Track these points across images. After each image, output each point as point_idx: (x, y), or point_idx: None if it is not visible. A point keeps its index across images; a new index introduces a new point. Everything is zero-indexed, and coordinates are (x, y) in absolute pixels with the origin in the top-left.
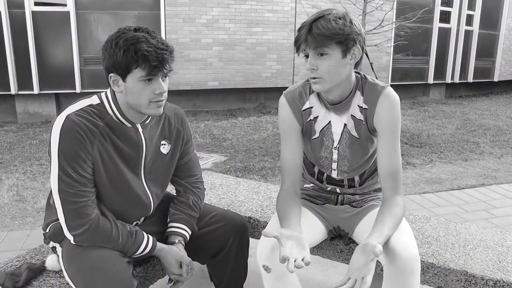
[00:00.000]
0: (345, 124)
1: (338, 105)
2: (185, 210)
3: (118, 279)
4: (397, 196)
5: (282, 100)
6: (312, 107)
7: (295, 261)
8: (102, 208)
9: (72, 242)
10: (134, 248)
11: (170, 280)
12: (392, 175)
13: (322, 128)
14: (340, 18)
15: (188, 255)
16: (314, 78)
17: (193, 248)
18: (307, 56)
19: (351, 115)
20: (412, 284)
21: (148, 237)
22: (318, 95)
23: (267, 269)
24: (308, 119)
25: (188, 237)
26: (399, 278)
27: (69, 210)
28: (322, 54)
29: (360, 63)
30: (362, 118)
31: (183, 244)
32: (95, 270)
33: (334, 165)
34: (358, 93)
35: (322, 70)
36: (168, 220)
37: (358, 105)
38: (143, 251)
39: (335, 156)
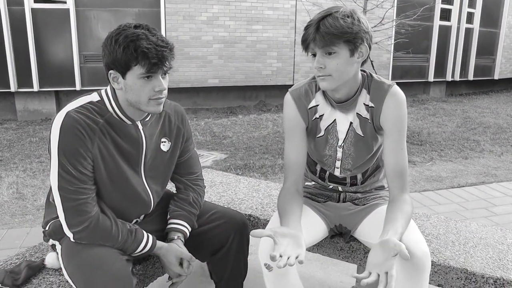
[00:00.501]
0: (350, 123)
1: (344, 104)
2: (185, 207)
3: (118, 277)
4: (404, 194)
5: (288, 97)
6: (317, 105)
7: (288, 258)
8: (102, 206)
9: (72, 239)
10: (133, 246)
11: (169, 277)
12: (399, 173)
13: (327, 127)
14: (348, 16)
15: None
16: (322, 75)
17: (193, 245)
18: (314, 55)
19: (357, 113)
20: (424, 281)
21: (148, 236)
22: (324, 93)
23: (268, 267)
24: (314, 117)
25: (188, 233)
26: (411, 275)
27: (69, 207)
28: (330, 53)
29: (367, 61)
30: (368, 116)
31: (182, 241)
32: (94, 268)
33: (338, 163)
34: (364, 92)
35: (331, 68)
36: (168, 216)
37: (364, 104)
38: (142, 249)
39: (339, 155)
